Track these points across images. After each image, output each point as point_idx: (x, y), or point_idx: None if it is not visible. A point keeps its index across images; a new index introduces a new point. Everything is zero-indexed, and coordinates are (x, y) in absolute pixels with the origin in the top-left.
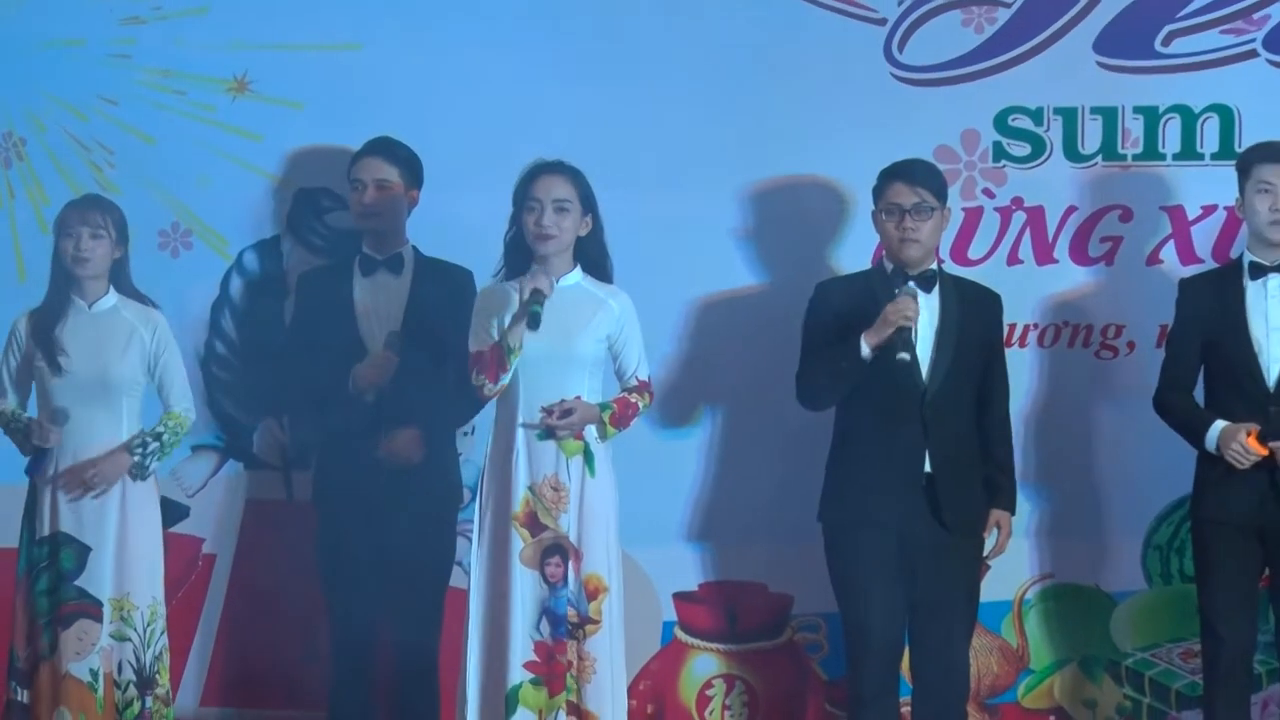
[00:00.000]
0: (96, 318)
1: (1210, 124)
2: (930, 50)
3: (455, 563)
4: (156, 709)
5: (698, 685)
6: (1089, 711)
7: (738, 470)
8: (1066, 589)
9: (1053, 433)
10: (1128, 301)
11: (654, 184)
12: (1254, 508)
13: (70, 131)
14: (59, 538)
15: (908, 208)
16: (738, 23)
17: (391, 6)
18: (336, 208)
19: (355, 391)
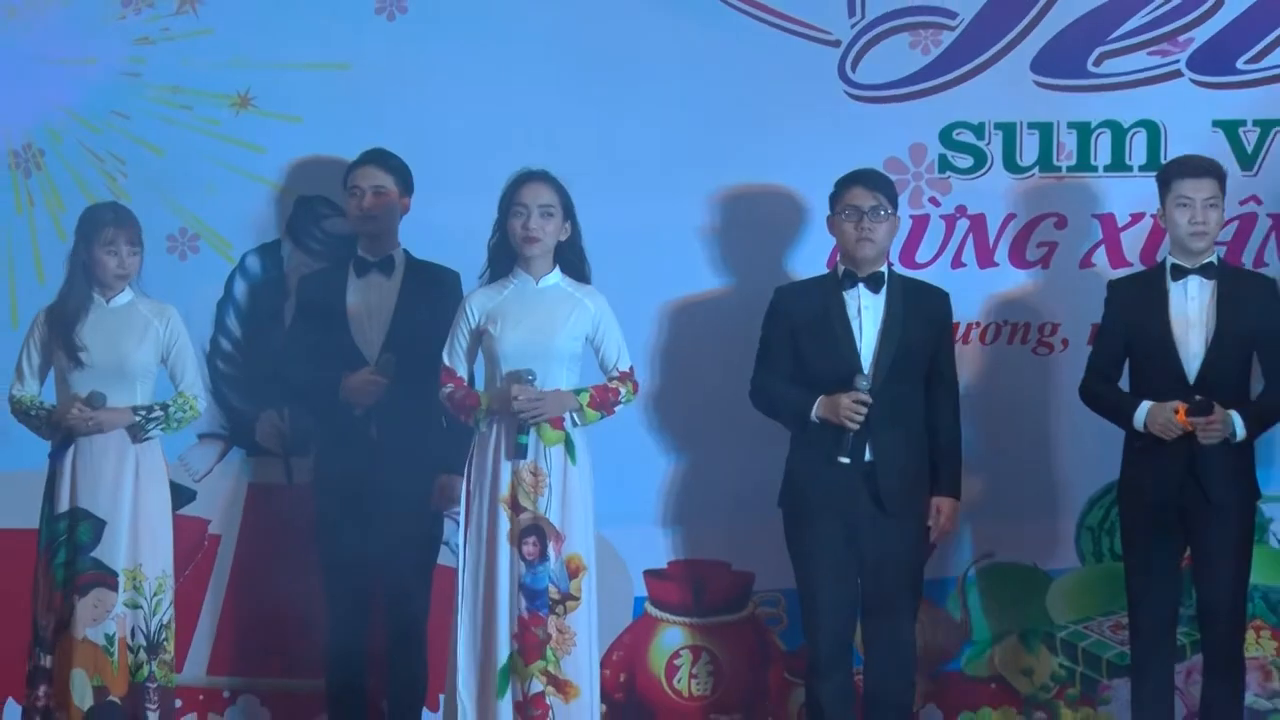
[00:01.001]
0: (115, 312)
1: (1138, 138)
2: (880, 70)
3: (443, 543)
4: (162, 674)
5: (666, 656)
6: (1026, 679)
7: (704, 459)
8: (1006, 567)
9: (994, 423)
10: (1062, 302)
11: (626, 192)
12: (1174, 492)
13: (85, 144)
14: (76, 513)
15: (865, 209)
16: (705, 44)
17: (380, 29)
18: (333, 214)
19: (345, 401)
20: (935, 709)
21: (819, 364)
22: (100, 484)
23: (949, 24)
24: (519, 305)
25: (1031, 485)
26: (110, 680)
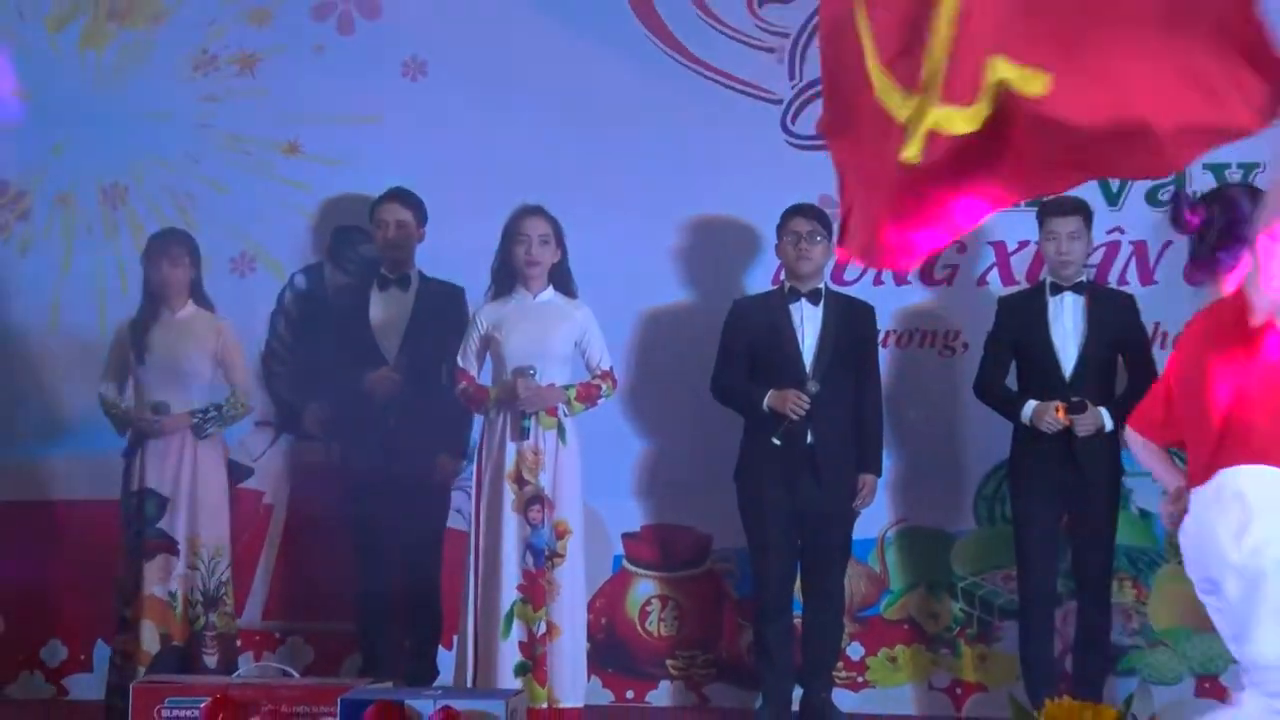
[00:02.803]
0: (177, 323)
1: None
2: (815, 123)
3: (455, 510)
4: (222, 623)
5: (640, 603)
6: (933, 621)
7: (671, 442)
8: (917, 529)
9: (908, 412)
10: (962, 313)
11: (608, 221)
12: (1055, 469)
13: (162, 182)
14: (145, 493)
15: (804, 234)
16: (672, 100)
17: (405, 88)
18: (365, 241)
19: (369, 394)
20: (859, 646)
21: (769, 364)
22: (165, 468)
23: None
24: (520, 316)
25: (938, 463)
26: (173, 629)
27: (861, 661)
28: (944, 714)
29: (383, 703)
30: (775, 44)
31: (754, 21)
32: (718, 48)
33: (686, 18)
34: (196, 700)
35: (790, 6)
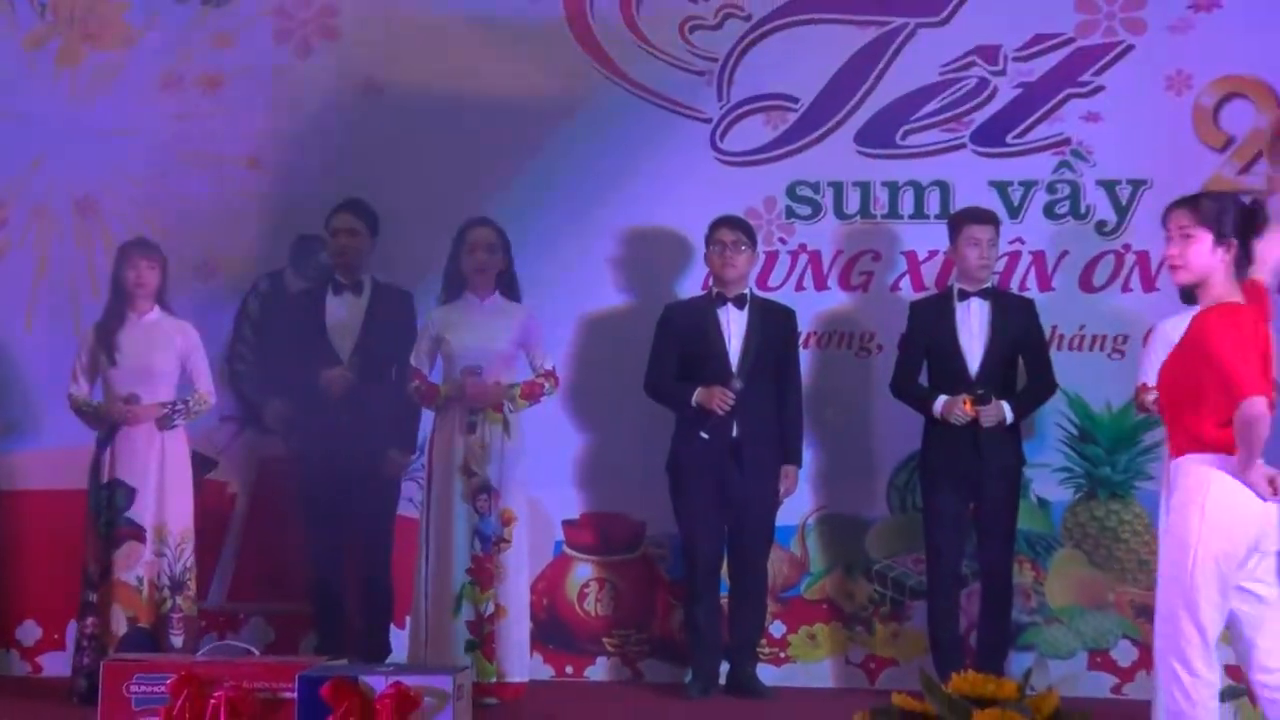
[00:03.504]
0: (144, 326)
1: (933, 194)
2: (741, 141)
3: (407, 499)
4: (187, 605)
5: (579, 585)
6: (850, 601)
7: (608, 436)
8: (835, 516)
9: (828, 408)
10: (877, 317)
11: (551, 231)
12: (963, 461)
13: (131, 195)
14: (114, 483)
15: (729, 243)
16: (611, 121)
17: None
18: (324, 249)
19: (324, 391)
20: (781, 624)
21: (697, 363)
22: (133, 461)
23: (792, 107)
24: (468, 319)
25: (854, 455)
26: (140, 612)
27: (784, 638)
28: (859, 686)
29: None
30: (705, 67)
31: (686, 47)
32: (652, 71)
33: (623, 43)
34: (163, 677)
35: (719, 33)
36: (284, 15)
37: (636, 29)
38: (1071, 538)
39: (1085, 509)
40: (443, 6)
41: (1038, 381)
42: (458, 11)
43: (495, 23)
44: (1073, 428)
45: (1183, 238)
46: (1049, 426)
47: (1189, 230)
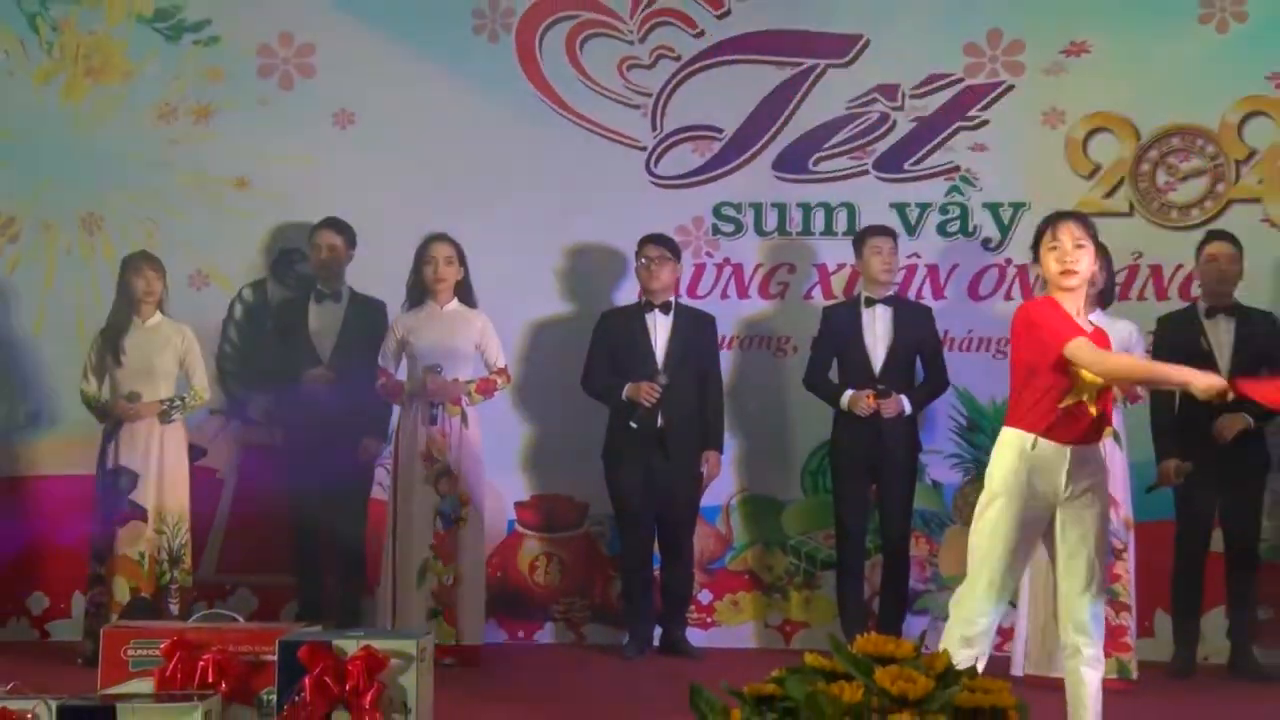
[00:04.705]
0: (147, 329)
1: (841, 214)
2: (673, 166)
3: (377, 484)
4: (182, 577)
5: (529, 559)
6: (768, 572)
7: (553, 427)
8: (756, 497)
9: (747, 401)
10: (792, 322)
11: (503, 246)
12: (867, 448)
13: (131, 212)
14: (119, 469)
15: (653, 258)
16: (557, 148)
17: (337, 135)
18: (303, 261)
19: (307, 388)
20: (708, 592)
21: (628, 362)
22: (135, 449)
23: (718, 136)
24: (429, 323)
25: (772, 443)
26: (142, 584)
27: (710, 605)
28: (776, 647)
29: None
30: (640, 102)
31: (623, 83)
32: (593, 104)
33: (568, 79)
34: (156, 642)
35: (653, 71)
36: (268, 53)
37: (580, 67)
38: (960, 515)
39: (972, 490)
40: (407, 47)
41: (933, 379)
42: (421, 51)
43: (454, 61)
44: (962, 419)
45: (1077, 247)
46: (942, 418)
47: (1082, 242)
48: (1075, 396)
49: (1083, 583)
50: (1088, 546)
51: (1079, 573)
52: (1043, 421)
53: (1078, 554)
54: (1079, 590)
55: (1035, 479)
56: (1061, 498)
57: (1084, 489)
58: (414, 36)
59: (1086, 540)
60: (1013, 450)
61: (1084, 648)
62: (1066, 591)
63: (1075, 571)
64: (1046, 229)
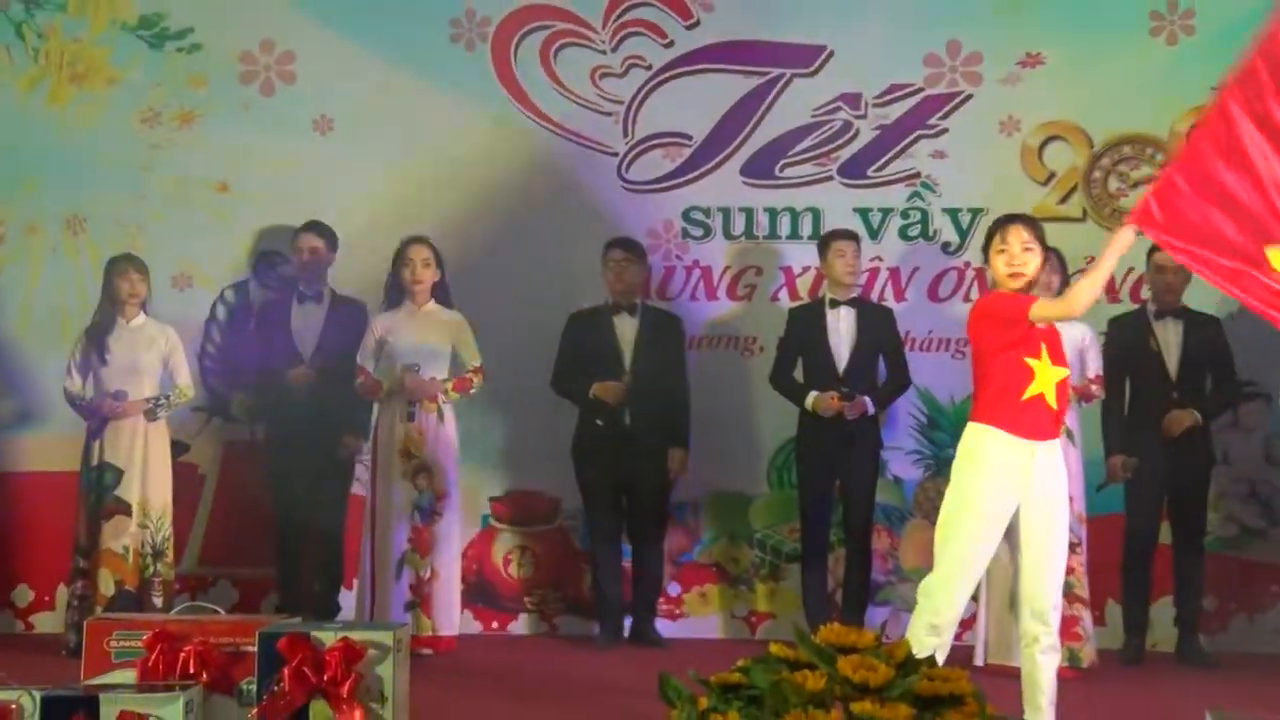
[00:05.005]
0: (132, 329)
1: (806, 218)
2: (644, 172)
3: (356, 479)
4: (165, 570)
5: (503, 552)
6: (735, 564)
7: (526, 425)
8: (723, 492)
9: (715, 400)
10: (759, 323)
11: (478, 251)
12: (831, 445)
13: (114, 215)
14: (103, 465)
15: (619, 260)
16: (531, 154)
17: (317, 141)
18: (283, 263)
19: (290, 386)
20: (677, 584)
21: (596, 363)
22: (120, 446)
23: (687, 143)
24: (407, 323)
25: (738, 440)
26: (126, 576)
27: (679, 597)
28: (743, 637)
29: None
30: (612, 109)
31: (596, 91)
32: (567, 111)
33: (542, 87)
34: (139, 634)
35: (624, 80)
36: (249, 60)
37: (554, 75)
38: (921, 510)
39: (933, 485)
40: (385, 55)
41: (894, 378)
42: (399, 59)
43: (431, 69)
44: (923, 417)
45: (1025, 250)
46: (903, 416)
47: (1030, 245)
48: (1035, 390)
49: (1044, 573)
50: (1050, 538)
51: (1041, 564)
52: (1006, 415)
53: (1041, 545)
54: (1040, 580)
55: (1000, 472)
56: (1026, 490)
57: (1047, 482)
58: (392, 45)
59: (1050, 532)
60: (978, 444)
61: (1043, 636)
62: (1028, 581)
63: (1037, 562)
64: (996, 232)
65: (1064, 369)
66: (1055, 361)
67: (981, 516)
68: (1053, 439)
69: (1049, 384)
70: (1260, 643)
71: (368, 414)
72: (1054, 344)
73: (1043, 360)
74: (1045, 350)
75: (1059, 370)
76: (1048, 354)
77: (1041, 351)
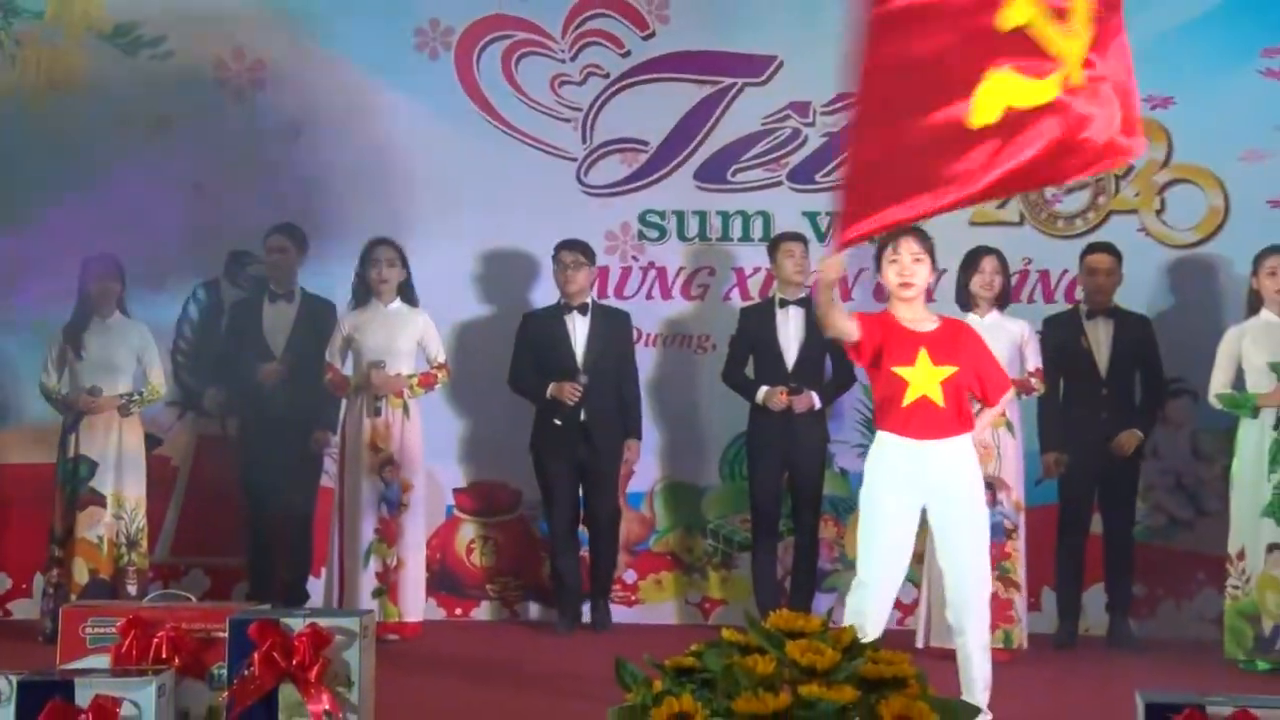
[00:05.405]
0: (108, 327)
1: (757, 221)
2: (602, 176)
3: (325, 472)
4: (139, 560)
5: (466, 541)
6: (689, 553)
7: (488, 419)
8: (677, 484)
9: (669, 395)
10: (712, 321)
11: (441, 251)
12: (780, 439)
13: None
14: (79, 457)
15: (569, 263)
16: (493, 158)
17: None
18: (253, 263)
19: (261, 382)
20: (633, 572)
21: (550, 362)
22: (95, 439)
23: (643, 149)
24: (374, 321)
25: (692, 434)
26: (100, 565)
27: (635, 584)
28: (696, 623)
29: (263, 621)
30: (572, 116)
31: (555, 99)
32: (528, 118)
33: (503, 95)
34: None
35: (583, 88)
36: (222, 67)
37: (515, 83)
38: None
39: None
40: (353, 63)
41: (840, 374)
42: (365, 67)
43: (396, 77)
44: (868, 412)
45: (915, 261)
46: (849, 411)
47: (920, 256)
48: (915, 394)
49: (961, 570)
50: (960, 534)
51: (955, 560)
52: (893, 421)
53: (952, 542)
54: (956, 576)
55: (895, 474)
56: (926, 489)
57: (949, 480)
58: (359, 53)
59: (959, 528)
60: (876, 449)
61: (968, 630)
62: (947, 578)
63: (951, 559)
64: (888, 243)
65: (949, 367)
66: (941, 361)
67: (885, 517)
68: (951, 436)
69: (930, 385)
70: (1187, 628)
71: (336, 409)
72: (941, 345)
73: (918, 365)
74: (926, 353)
75: (941, 370)
76: (929, 356)
77: (919, 356)
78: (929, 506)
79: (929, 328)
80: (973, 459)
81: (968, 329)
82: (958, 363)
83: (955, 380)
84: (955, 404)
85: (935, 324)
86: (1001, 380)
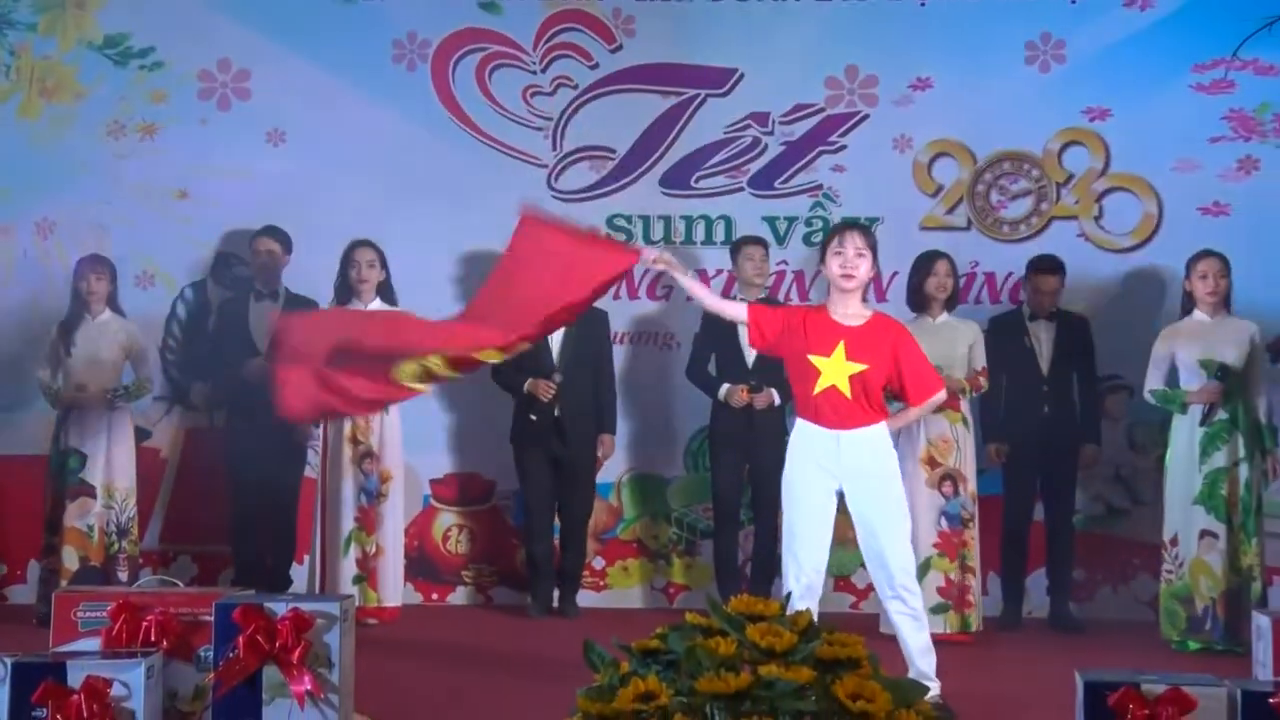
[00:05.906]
0: (97, 325)
1: (719, 225)
2: (571, 182)
3: (307, 463)
4: (130, 548)
5: (443, 530)
6: (655, 540)
7: (467, 413)
8: (644, 474)
9: (636, 390)
10: (677, 320)
11: (416, 253)
12: (741, 432)
13: (82, 218)
14: (69, 450)
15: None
16: (468, 165)
17: (270, 151)
18: (240, 264)
19: (247, 378)
20: (601, 559)
21: (528, 358)
22: (86, 432)
23: (611, 156)
24: None
25: (658, 427)
26: (91, 553)
27: (603, 570)
28: (661, 607)
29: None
30: (542, 125)
31: (527, 108)
32: (500, 126)
33: (477, 103)
34: (104, 605)
35: (553, 98)
36: (207, 78)
37: (488, 93)
38: None
39: None
40: (333, 74)
41: None
42: (346, 77)
43: (375, 87)
44: None
45: (858, 255)
46: None
47: (863, 251)
48: (825, 383)
49: (880, 552)
50: (875, 515)
51: (874, 545)
52: (807, 408)
53: (870, 528)
54: (877, 559)
55: (807, 457)
56: (838, 474)
57: (860, 465)
58: (340, 64)
59: (873, 510)
60: (795, 434)
61: (891, 608)
62: (867, 557)
63: (869, 539)
64: (834, 236)
65: (860, 365)
66: (854, 357)
67: (799, 496)
68: (861, 427)
69: (839, 377)
70: (1124, 610)
71: None
72: (860, 342)
73: (833, 358)
74: (843, 347)
75: (852, 365)
76: (845, 349)
77: (836, 350)
78: (845, 489)
79: (855, 323)
80: (886, 442)
81: (899, 330)
82: (871, 361)
83: (865, 376)
84: (864, 398)
85: (863, 321)
86: (929, 382)
